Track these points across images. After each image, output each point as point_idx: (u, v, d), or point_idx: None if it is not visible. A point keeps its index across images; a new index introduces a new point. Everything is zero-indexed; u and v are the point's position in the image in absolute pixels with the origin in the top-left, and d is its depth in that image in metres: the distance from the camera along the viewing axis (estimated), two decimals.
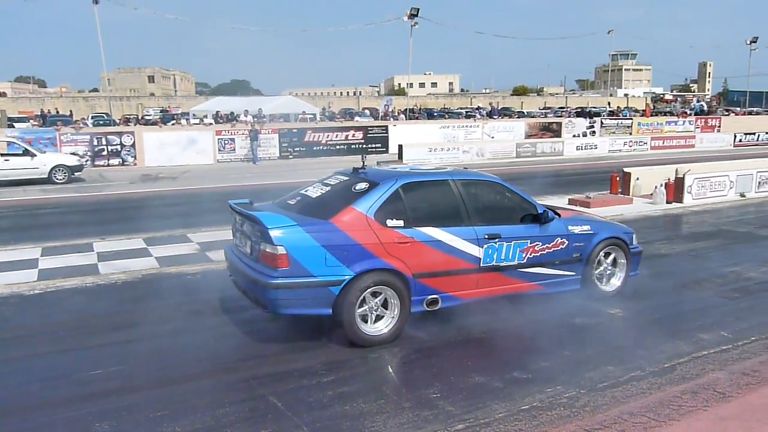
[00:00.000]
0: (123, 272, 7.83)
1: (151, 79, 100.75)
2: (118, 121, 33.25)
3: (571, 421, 4.03)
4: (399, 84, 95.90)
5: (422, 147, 24.56)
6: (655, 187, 13.16)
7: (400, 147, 24.14)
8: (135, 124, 32.11)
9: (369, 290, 5.25)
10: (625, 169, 14.32)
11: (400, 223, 5.42)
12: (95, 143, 23.05)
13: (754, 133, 33.79)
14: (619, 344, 5.38)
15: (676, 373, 4.76)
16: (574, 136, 31.35)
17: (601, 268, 6.63)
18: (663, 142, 30.96)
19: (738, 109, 53.69)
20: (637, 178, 13.90)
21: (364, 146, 27.40)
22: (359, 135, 27.64)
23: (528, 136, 30.85)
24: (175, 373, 4.85)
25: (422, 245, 5.45)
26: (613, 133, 32.78)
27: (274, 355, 5.23)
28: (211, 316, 6.24)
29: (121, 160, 23.38)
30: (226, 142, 24.95)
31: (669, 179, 13.30)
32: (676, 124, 35.99)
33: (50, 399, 4.41)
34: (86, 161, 21.92)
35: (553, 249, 6.18)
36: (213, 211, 13.30)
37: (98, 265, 8.18)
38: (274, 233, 5.03)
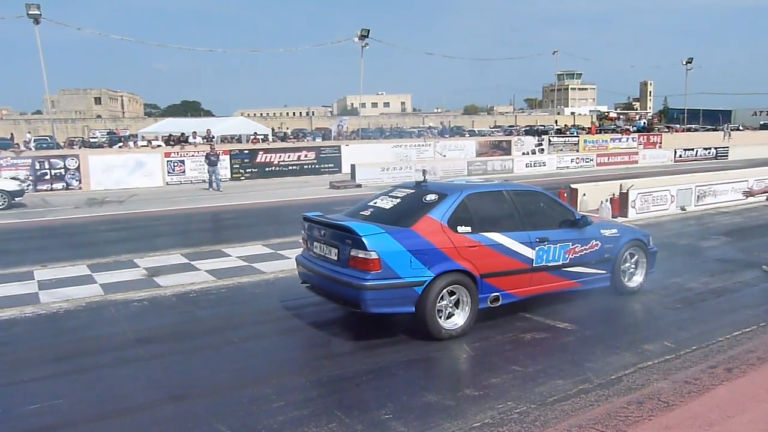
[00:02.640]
0: (65, 300, 7.53)
1: (98, 100, 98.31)
2: (62, 144, 32.24)
3: None
4: (352, 104, 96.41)
5: (375, 167, 24.66)
6: (601, 203, 13.52)
7: (353, 167, 24.19)
8: (80, 147, 31.22)
9: (446, 289, 5.81)
10: (573, 185, 14.68)
11: (468, 229, 6.06)
12: (38, 167, 22.29)
13: (692, 149, 35.26)
14: (568, 358, 5.47)
15: (622, 384, 4.85)
16: (523, 153, 32.06)
17: (626, 266, 7.40)
18: (608, 159, 31.94)
19: (678, 126, 55.93)
20: (584, 194, 14.27)
21: (317, 166, 27.37)
22: (312, 155, 27.57)
23: (479, 155, 31.38)
24: (117, 405, 4.67)
25: (487, 248, 6.10)
26: (561, 150, 33.69)
27: (224, 381, 5.10)
28: (158, 343, 6.06)
29: (65, 184, 22.66)
30: (176, 164, 24.49)
31: (614, 194, 13.71)
32: (620, 141, 37.27)
33: None
34: (28, 186, 21.16)
35: (589, 250, 6.94)
36: (161, 235, 13.09)
37: (39, 294, 7.85)
38: (367, 240, 5.54)
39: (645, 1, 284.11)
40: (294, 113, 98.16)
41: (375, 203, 6.63)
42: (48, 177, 22.45)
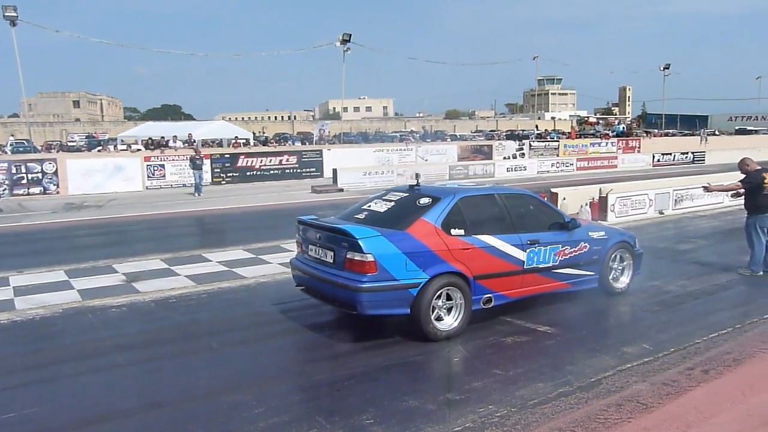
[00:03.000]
0: (41, 307, 7.41)
1: (77, 104, 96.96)
2: (39, 148, 31.77)
3: None
4: (334, 108, 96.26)
5: (357, 171, 24.65)
6: (581, 206, 13.62)
7: (335, 171, 24.16)
8: (58, 151, 30.76)
9: (441, 291, 5.89)
10: (553, 190, 14.75)
11: (461, 231, 6.14)
12: (14, 171, 21.92)
13: (670, 154, 35.70)
14: (549, 361, 5.50)
15: (602, 386, 4.89)
16: (504, 158, 32.20)
17: (613, 266, 7.53)
18: (588, 163, 32.24)
19: (656, 130, 56.67)
20: (564, 198, 14.36)
21: (299, 171, 27.28)
22: (293, 159, 27.46)
23: (460, 159, 31.45)
24: (95, 413, 4.60)
25: (480, 251, 6.18)
26: (542, 154, 33.91)
27: (203, 388, 5.06)
28: (137, 350, 5.99)
29: (42, 188, 22.28)
30: (156, 168, 24.24)
31: (593, 198, 13.83)
32: (599, 146, 37.62)
33: None
34: (4, 190, 20.79)
35: (578, 252, 7.06)
36: (140, 240, 12.96)
37: (14, 301, 7.72)
38: (363, 243, 5.60)
39: (623, 8, 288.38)
40: (276, 117, 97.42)
41: (369, 206, 6.72)
42: (25, 181, 22.08)
